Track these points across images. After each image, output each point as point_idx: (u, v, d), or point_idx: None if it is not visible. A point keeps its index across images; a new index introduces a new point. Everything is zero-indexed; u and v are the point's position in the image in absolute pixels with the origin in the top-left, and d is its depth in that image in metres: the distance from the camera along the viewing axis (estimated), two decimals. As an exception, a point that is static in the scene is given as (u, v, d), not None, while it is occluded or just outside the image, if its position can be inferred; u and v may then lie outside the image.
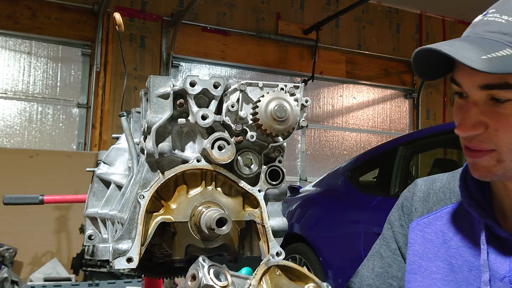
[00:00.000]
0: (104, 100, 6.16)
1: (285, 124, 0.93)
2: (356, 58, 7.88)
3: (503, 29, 0.78)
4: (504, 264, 0.86)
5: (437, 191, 1.04)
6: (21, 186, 4.81)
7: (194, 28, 6.79)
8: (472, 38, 0.80)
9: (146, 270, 1.30)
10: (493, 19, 0.80)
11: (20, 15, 5.94)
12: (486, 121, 0.80)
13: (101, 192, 1.28)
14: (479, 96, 0.81)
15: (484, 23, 0.81)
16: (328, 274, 3.40)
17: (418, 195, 1.07)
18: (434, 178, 1.08)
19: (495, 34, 0.78)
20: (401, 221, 1.08)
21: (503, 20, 0.79)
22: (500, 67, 0.73)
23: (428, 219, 1.02)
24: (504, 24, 0.78)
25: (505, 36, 0.77)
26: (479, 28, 0.81)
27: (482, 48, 0.76)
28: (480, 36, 0.80)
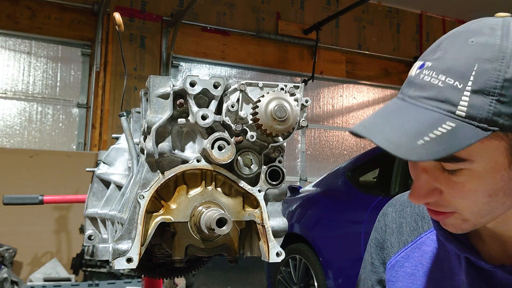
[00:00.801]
0: (104, 100, 6.15)
1: (285, 124, 0.93)
2: (356, 58, 7.88)
3: (440, 95, 0.67)
4: None
5: (409, 220, 1.00)
6: (21, 186, 4.81)
7: (194, 28, 6.79)
8: (406, 108, 0.70)
9: (146, 270, 1.30)
10: (429, 80, 0.69)
11: (20, 15, 5.93)
12: (440, 188, 0.73)
13: (101, 192, 1.28)
14: (428, 163, 0.73)
15: (420, 84, 0.70)
16: (328, 274, 3.40)
17: (390, 226, 1.03)
18: (402, 202, 1.03)
19: (433, 102, 0.68)
20: (373, 259, 1.06)
21: (440, 83, 0.68)
22: (440, 151, 0.64)
23: (405, 252, 0.98)
24: (441, 88, 0.67)
25: (443, 105, 0.67)
26: (415, 92, 0.70)
27: (419, 126, 0.66)
28: (416, 103, 0.69)
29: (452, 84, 0.67)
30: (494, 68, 0.65)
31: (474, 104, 0.65)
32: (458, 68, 0.67)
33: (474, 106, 0.65)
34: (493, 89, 0.65)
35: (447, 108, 0.67)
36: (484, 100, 0.65)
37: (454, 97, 0.66)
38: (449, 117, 0.66)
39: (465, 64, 0.67)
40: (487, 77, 0.65)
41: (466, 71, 0.66)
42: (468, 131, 0.65)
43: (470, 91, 0.65)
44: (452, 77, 0.67)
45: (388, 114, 0.72)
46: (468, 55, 0.67)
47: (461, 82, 0.66)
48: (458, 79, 0.66)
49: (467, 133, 0.65)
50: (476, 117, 0.65)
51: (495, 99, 0.64)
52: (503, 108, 0.65)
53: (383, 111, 0.73)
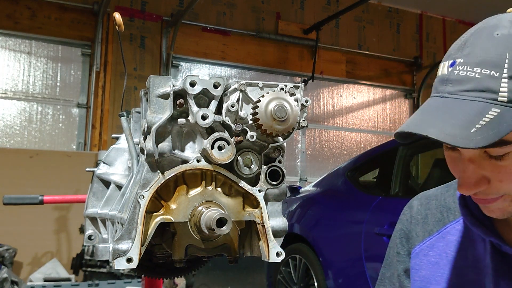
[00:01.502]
0: (104, 100, 6.15)
1: (285, 124, 0.93)
2: (356, 58, 7.88)
3: (479, 85, 0.72)
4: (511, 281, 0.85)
5: (434, 212, 1.03)
6: (21, 186, 4.81)
7: (194, 28, 6.79)
8: (450, 103, 0.74)
9: (146, 270, 1.30)
10: (465, 74, 0.73)
11: (20, 15, 5.93)
12: (488, 175, 0.76)
13: (101, 192, 1.28)
14: (472, 152, 0.77)
15: (456, 79, 0.74)
16: (328, 274, 3.40)
17: (416, 217, 1.06)
18: (428, 196, 1.07)
19: (474, 93, 0.72)
20: (398, 249, 1.08)
21: (477, 74, 0.72)
22: (492, 136, 0.68)
23: (430, 242, 1.01)
24: (479, 80, 0.72)
25: (485, 94, 0.72)
26: (453, 87, 0.75)
27: (467, 116, 0.71)
28: (458, 97, 0.74)
29: (489, 73, 0.71)
30: None
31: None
32: (491, 59, 0.72)
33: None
34: None
35: (489, 96, 0.71)
36: None
37: (493, 85, 0.71)
38: (493, 104, 0.71)
39: (496, 54, 0.72)
40: None
41: (499, 60, 0.71)
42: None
43: (507, 77, 0.71)
44: (487, 68, 0.72)
45: (433, 111, 0.76)
46: (497, 46, 0.72)
47: (497, 71, 0.71)
48: (494, 69, 0.71)
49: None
50: None
51: None
52: None
53: (427, 110, 0.77)
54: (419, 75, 8.28)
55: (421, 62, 8.29)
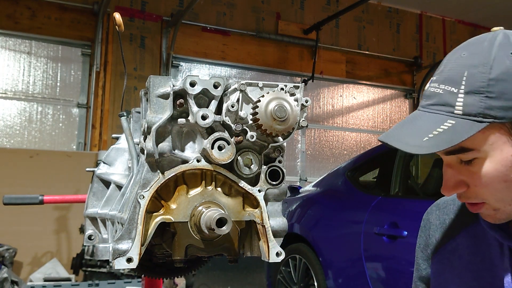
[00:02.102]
0: (104, 100, 6.15)
1: (285, 124, 0.93)
2: (356, 58, 7.88)
3: (441, 100, 0.82)
4: None
5: (452, 217, 1.06)
6: (21, 186, 4.81)
7: (194, 28, 6.79)
8: (419, 115, 0.85)
9: (146, 270, 1.30)
10: (433, 90, 0.84)
11: (20, 15, 5.93)
12: (465, 179, 0.84)
13: (101, 192, 1.28)
14: (450, 159, 0.85)
15: (427, 95, 0.85)
16: (328, 274, 3.40)
17: (434, 223, 1.10)
18: (445, 202, 1.10)
19: (436, 107, 0.82)
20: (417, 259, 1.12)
21: (441, 90, 0.82)
22: (443, 143, 0.78)
23: (451, 246, 1.04)
24: (442, 95, 0.82)
25: (444, 107, 0.81)
26: (424, 102, 0.86)
27: (426, 127, 0.81)
28: (425, 110, 0.85)
29: (450, 90, 0.81)
30: (480, 71, 0.79)
31: (468, 103, 0.79)
32: (453, 77, 0.82)
33: (468, 104, 0.79)
34: (481, 88, 0.78)
35: (447, 109, 0.81)
36: (476, 98, 0.79)
37: (451, 100, 0.81)
38: (449, 116, 0.80)
39: (458, 72, 0.82)
40: (475, 79, 0.79)
41: (459, 78, 0.81)
42: (466, 125, 0.79)
43: (463, 93, 0.80)
44: (449, 85, 0.82)
45: (405, 122, 0.87)
46: (460, 65, 0.82)
47: (456, 87, 0.81)
48: (453, 85, 0.81)
49: (466, 127, 0.78)
50: (471, 113, 0.79)
51: (484, 96, 0.78)
52: (493, 102, 0.78)
53: (404, 121, 0.89)
54: (419, 75, 8.28)
55: (421, 62, 8.29)
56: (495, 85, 0.78)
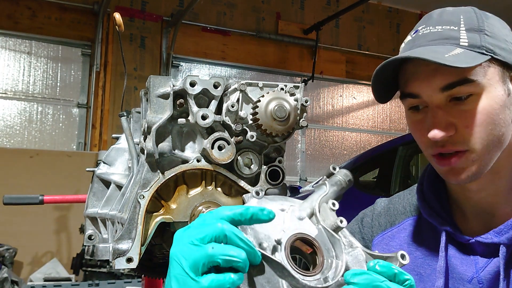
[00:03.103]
0: (104, 100, 6.15)
1: (285, 124, 0.93)
2: (356, 58, 7.88)
3: (442, 35, 0.86)
4: (470, 267, 0.89)
5: (397, 206, 1.08)
6: (21, 186, 4.81)
7: (194, 28, 6.79)
8: (421, 50, 0.86)
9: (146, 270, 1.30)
10: (428, 31, 0.87)
11: (20, 15, 5.93)
12: (455, 121, 0.85)
13: (101, 192, 1.28)
14: (440, 99, 0.85)
15: (422, 36, 0.88)
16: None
17: (378, 210, 1.12)
18: (393, 196, 1.12)
19: (439, 41, 0.86)
20: (361, 234, 1.13)
21: (439, 29, 0.86)
22: (464, 62, 0.80)
23: (391, 232, 1.04)
24: (441, 32, 0.86)
25: (448, 40, 0.85)
26: (421, 41, 0.88)
27: (439, 50, 0.83)
28: (427, 45, 0.86)
29: (449, 28, 0.86)
30: (474, 16, 0.87)
31: (471, 37, 0.85)
32: (448, 20, 0.87)
33: (471, 38, 0.85)
34: (480, 27, 0.86)
35: (453, 42, 0.85)
36: (476, 34, 0.85)
37: (454, 35, 0.86)
38: (457, 46, 0.84)
39: (452, 18, 0.88)
40: (472, 20, 0.86)
41: (456, 21, 0.87)
42: (473, 55, 0.83)
43: (464, 30, 0.86)
44: (446, 25, 0.87)
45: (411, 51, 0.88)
46: (452, 15, 0.88)
47: (455, 26, 0.86)
48: (452, 25, 0.86)
49: (473, 56, 0.82)
50: (476, 45, 0.84)
51: (483, 33, 0.85)
52: (491, 40, 0.85)
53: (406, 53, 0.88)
54: (419, 75, 8.29)
55: (421, 62, 8.30)
56: (490, 26, 0.86)
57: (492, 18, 0.90)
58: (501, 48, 0.85)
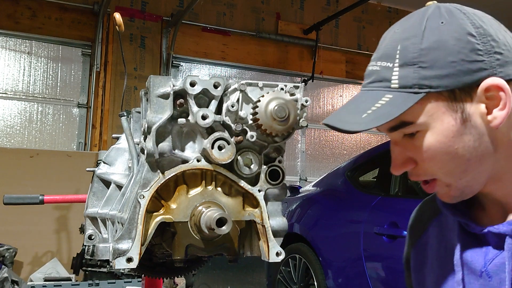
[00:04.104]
0: (104, 100, 6.15)
1: (285, 124, 0.93)
2: (356, 58, 7.88)
3: (379, 76, 0.81)
4: (480, 259, 0.86)
5: (426, 210, 1.06)
6: (21, 186, 4.81)
7: (194, 28, 6.79)
8: (359, 95, 0.85)
9: (146, 270, 1.31)
10: (371, 69, 0.84)
11: (20, 15, 5.93)
12: (412, 155, 0.83)
13: (101, 192, 1.28)
14: (394, 136, 0.84)
15: (367, 74, 0.85)
16: (328, 274, 3.40)
17: (414, 219, 1.09)
18: (425, 200, 1.10)
19: (375, 84, 0.82)
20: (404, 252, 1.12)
21: (378, 67, 0.82)
22: (380, 118, 0.77)
23: (424, 238, 1.03)
24: (378, 71, 0.82)
25: (381, 83, 0.81)
26: (365, 81, 0.85)
27: (365, 104, 0.80)
28: (364, 89, 0.84)
29: (385, 65, 0.81)
30: (412, 43, 0.79)
31: (403, 75, 0.79)
32: (388, 52, 0.81)
33: (403, 77, 0.78)
34: (414, 59, 0.78)
35: (384, 85, 0.80)
36: (409, 70, 0.78)
37: (387, 75, 0.80)
38: (387, 91, 0.80)
39: (391, 47, 0.81)
40: (408, 51, 0.79)
41: (393, 52, 0.81)
42: (403, 98, 0.78)
43: (398, 66, 0.79)
44: (384, 60, 0.81)
45: (347, 104, 0.86)
46: (394, 40, 0.82)
47: (391, 62, 0.80)
48: (388, 60, 0.81)
49: (403, 99, 0.78)
50: (407, 85, 0.78)
51: (417, 66, 0.78)
52: (427, 72, 0.77)
53: (346, 103, 0.87)
54: (419, 75, 8.29)
55: (421, 62, 8.30)
56: (427, 54, 0.77)
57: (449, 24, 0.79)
58: (443, 76, 0.76)
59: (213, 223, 0.89)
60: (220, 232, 0.90)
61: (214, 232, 0.90)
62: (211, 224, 0.89)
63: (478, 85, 0.77)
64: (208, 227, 0.91)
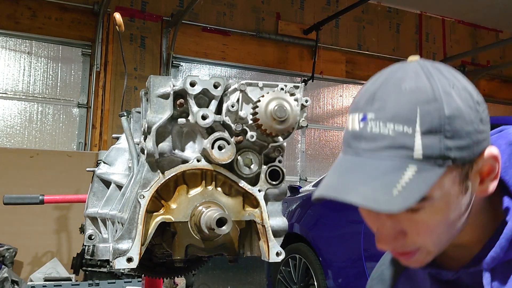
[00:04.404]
0: (104, 100, 6.16)
1: (285, 124, 0.93)
2: (356, 58, 7.88)
3: (394, 143, 0.70)
4: None
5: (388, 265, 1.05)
6: (21, 186, 4.81)
7: (194, 28, 6.79)
8: (367, 162, 0.72)
9: (146, 270, 1.31)
10: (378, 131, 0.71)
11: (20, 15, 5.94)
12: (405, 228, 0.76)
13: (101, 192, 1.28)
14: None
15: (371, 136, 0.72)
16: (328, 274, 3.40)
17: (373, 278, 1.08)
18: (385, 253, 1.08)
19: (390, 151, 0.70)
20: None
21: (390, 131, 0.70)
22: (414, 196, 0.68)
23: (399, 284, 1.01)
24: (393, 137, 0.70)
25: (400, 151, 0.70)
26: (368, 145, 0.72)
27: (386, 177, 0.69)
28: (374, 156, 0.72)
29: (402, 130, 0.70)
30: (434, 108, 0.70)
31: (427, 145, 0.70)
32: (403, 114, 0.70)
33: (428, 146, 0.70)
34: (439, 127, 0.70)
35: (405, 153, 0.70)
36: (434, 138, 0.70)
37: (408, 142, 0.70)
38: (409, 162, 0.70)
39: (408, 109, 0.70)
40: (431, 117, 0.70)
41: (411, 115, 0.70)
42: (429, 170, 0.69)
43: (420, 132, 0.70)
44: (399, 123, 0.70)
45: (351, 172, 0.73)
46: (407, 101, 0.71)
47: (409, 126, 0.70)
48: (406, 124, 0.70)
49: (429, 172, 0.69)
50: (432, 156, 0.70)
51: (443, 135, 0.70)
52: (451, 142, 0.70)
53: (344, 171, 0.75)
54: (419, 75, 8.29)
55: (421, 62, 8.30)
56: (451, 122, 0.70)
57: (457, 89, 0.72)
58: (462, 147, 0.71)
59: (213, 223, 0.89)
60: (220, 232, 0.90)
61: (214, 232, 0.90)
62: (211, 224, 0.89)
63: (480, 155, 0.74)
64: (208, 227, 0.91)
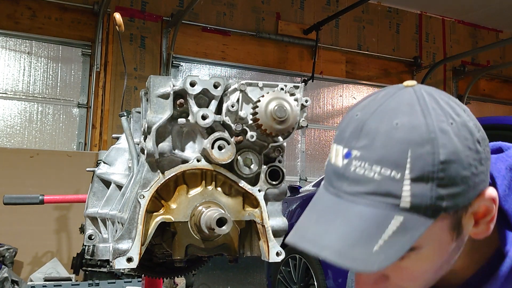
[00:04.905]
0: (104, 100, 6.16)
1: (285, 124, 0.93)
2: (356, 58, 7.88)
3: (379, 188, 0.63)
4: None
5: None
6: (21, 186, 4.81)
7: (194, 28, 6.79)
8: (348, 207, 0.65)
9: (146, 269, 1.31)
10: (363, 173, 0.64)
11: (20, 15, 5.94)
12: (387, 273, 0.70)
13: (101, 192, 1.28)
14: None
15: (354, 178, 0.65)
16: (328, 274, 3.40)
17: None
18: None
19: (374, 197, 0.63)
20: None
21: (376, 175, 0.63)
22: (396, 252, 0.61)
23: None
24: (379, 182, 0.63)
25: (386, 198, 0.63)
26: (350, 187, 0.65)
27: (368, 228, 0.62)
28: (355, 201, 0.64)
29: (389, 175, 0.62)
30: (428, 151, 0.62)
31: (417, 193, 0.62)
32: (391, 156, 0.63)
33: (417, 195, 0.62)
34: (431, 174, 0.62)
35: (391, 201, 0.63)
36: (425, 187, 0.62)
37: (395, 189, 0.62)
38: (395, 211, 0.63)
39: (397, 151, 0.63)
40: (423, 162, 0.62)
41: (401, 159, 0.62)
42: (416, 221, 0.62)
43: (409, 179, 0.62)
44: (387, 167, 0.63)
45: (329, 215, 0.67)
46: (397, 140, 0.63)
47: (398, 171, 0.62)
48: (395, 168, 0.62)
49: (416, 223, 0.62)
50: (421, 206, 0.62)
51: (435, 183, 0.62)
52: (443, 190, 0.62)
53: (322, 211, 0.69)
54: (419, 75, 8.28)
55: (420, 62, 8.29)
56: (445, 169, 0.62)
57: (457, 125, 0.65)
58: (456, 194, 0.63)
59: (213, 223, 0.89)
60: (220, 232, 0.90)
61: (214, 232, 0.90)
62: (211, 224, 0.89)
63: (475, 198, 0.67)
64: (208, 227, 0.91)
